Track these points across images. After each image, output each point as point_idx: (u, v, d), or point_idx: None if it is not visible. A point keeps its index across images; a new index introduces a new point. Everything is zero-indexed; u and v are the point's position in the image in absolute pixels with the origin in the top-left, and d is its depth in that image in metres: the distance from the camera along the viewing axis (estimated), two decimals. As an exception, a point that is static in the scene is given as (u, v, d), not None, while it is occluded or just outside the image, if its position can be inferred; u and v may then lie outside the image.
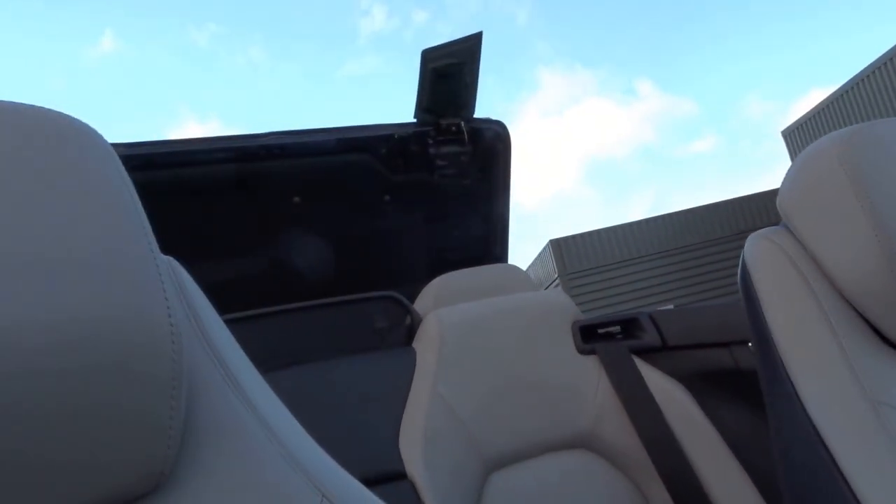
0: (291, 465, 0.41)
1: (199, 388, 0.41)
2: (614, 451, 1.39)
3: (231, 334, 0.49)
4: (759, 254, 0.86)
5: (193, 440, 0.39)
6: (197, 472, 0.38)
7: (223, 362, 0.44)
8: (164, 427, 0.36)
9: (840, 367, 0.73)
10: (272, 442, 0.42)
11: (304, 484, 0.41)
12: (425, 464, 1.19)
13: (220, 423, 0.41)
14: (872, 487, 0.66)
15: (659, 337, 1.45)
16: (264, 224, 2.08)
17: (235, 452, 0.40)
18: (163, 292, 0.36)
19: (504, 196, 2.20)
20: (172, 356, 0.36)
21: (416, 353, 1.39)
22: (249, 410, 0.43)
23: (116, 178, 0.39)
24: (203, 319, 0.46)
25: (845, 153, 0.77)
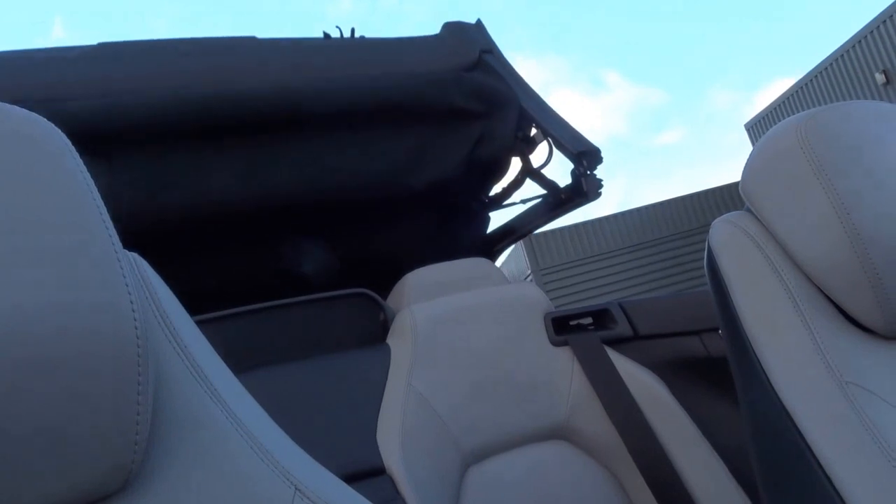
0: (262, 457, 0.41)
1: (166, 382, 0.41)
2: (590, 440, 1.40)
3: (197, 328, 0.49)
4: (724, 238, 0.87)
5: (161, 434, 0.39)
6: (166, 465, 0.38)
7: (190, 356, 0.44)
8: (131, 421, 0.35)
9: (807, 347, 0.74)
10: (242, 434, 0.42)
11: (275, 476, 0.41)
12: (403, 458, 1.19)
13: (188, 417, 0.41)
14: (842, 465, 0.67)
15: (630, 327, 1.47)
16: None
17: (205, 445, 0.40)
18: (126, 286, 0.36)
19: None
20: (138, 350, 0.36)
21: (390, 349, 1.39)
22: (218, 404, 0.42)
23: (76, 171, 0.39)
24: (168, 313, 0.46)
25: (806, 136, 0.79)
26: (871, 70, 11.85)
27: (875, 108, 0.83)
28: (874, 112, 0.82)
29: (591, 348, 1.44)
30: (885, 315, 0.72)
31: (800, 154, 0.78)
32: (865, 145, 0.78)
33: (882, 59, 11.61)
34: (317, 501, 0.41)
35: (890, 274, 0.72)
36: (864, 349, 0.74)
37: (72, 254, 0.35)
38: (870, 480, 0.65)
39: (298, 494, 0.40)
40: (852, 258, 0.73)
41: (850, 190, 0.74)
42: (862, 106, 0.83)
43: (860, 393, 0.69)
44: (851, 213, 0.74)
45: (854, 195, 0.74)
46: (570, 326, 1.50)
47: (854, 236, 0.73)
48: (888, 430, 0.66)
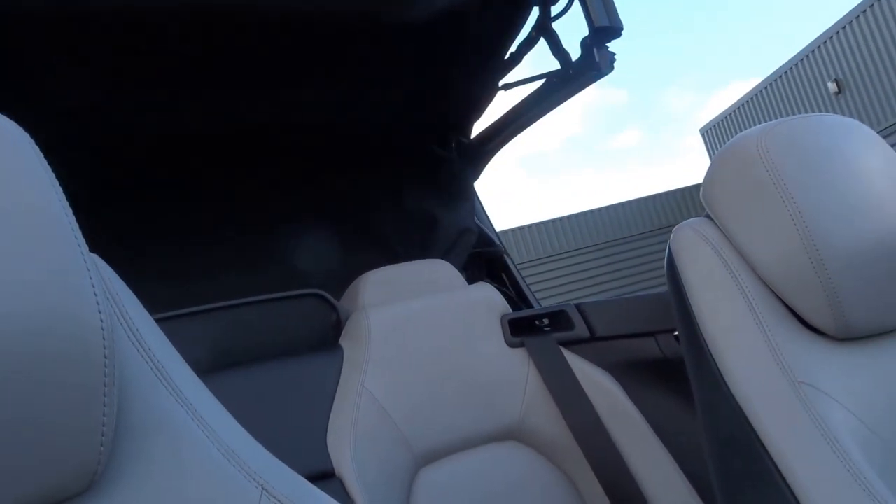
0: (228, 457, 0.41)
1: (131, 385, 0.41)
2: (544, 441, 1.39)
3: (160, 330, 0.49)
4: (684, 243, 0.90)
5: (127, 436, 0.39)
6: (132, 466, 0.38)
7: (154, 358, 0.44)
8: (97, 423, 0.35)
9: (762, 349, 0.77)
10: (208, 436, 0.42)
11: (241, 476, 0.41)
12: (354, 462, 1.17)
13: (153, 418, 0.41)
14: (795, 461, 0.70)
15: (587, 328, 1.47)
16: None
17: (171, 447, 0.40)
18: (92, 288, 0.36)
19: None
20: (104, 352, 0.36)
21: (343, 351, 1.37)
22: (183, 406, 0.43)
23: (41, 173, 0.38)
24: (132, 316, 0.46)
25: (765, 147, 0.82)
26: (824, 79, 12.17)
27: (831, 121, 0.86)
28: (830, 125, 0.85)
29: (547, 350, 1.43)
30: (837, 318, 0.75)
31: (759, 164, 0.81)
32: (822, 157, 0.81)
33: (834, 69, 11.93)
34: (283, 501, 0.42)
35: (842, 280, 0.75)
36: (816, 351, 0.77)
37: (37, 256, 0.35)
38: (821, 476, 0.67)
39: (265, 494, 0.41)
40: (807, 265, 0.76)
41: (807, 199, 0.77)
42: (819, 119, 0.86)
43: (812, 392, 0.72)
44: (807, 222, 0.77)
45: (810, 204, 0.77)
46: (526, 328, 1.49)
47: (809, 244, 0.76)
48: (838, 427, 0.69)
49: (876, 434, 0.71)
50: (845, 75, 11.67)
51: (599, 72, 1.72)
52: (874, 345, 0.79)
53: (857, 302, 0.75)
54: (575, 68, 1.81)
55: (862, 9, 11.06)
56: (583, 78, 1.78)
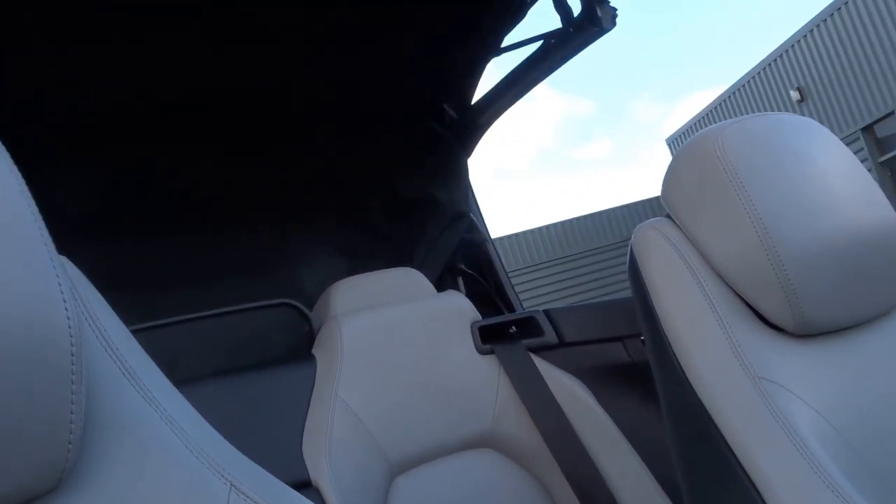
0: (197, 454, 0.42)
1: (99, 383, 0.41)
2: (517, 447, 1.41)
3: (127, 330, 0.49)
4: (645, 244, 0.91)
5: (96, 434, 0.39)
6: (100, 464, 0.38)
7: (122, 357, 0.44)
8: (64, 421, 0.35)
9: (723, 347, 0.78)
10: (177, 433, 0.42)
11: (211, 473, 0.41)
12: (330, 471, 1.18)
13: (122, 416, 0.41)
14: (755, 454, 0.71)
15: (556, 334, 1.49)
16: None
17: (139, 444, 0.40)
18: (59, 287, 0.37)
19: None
20: (71, 350, 0.36)
21: (316, 361, 1.37)
22: (151, 404, 0.43)
23: (8, 175, 0.39)
24: (99, 316, 0.46)
25: (722, 145, 0.83)
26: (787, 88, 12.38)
27: (788, 120, 0.88)
28: (787, 124, 0.87)
29: (516, 356, 1.45)
30: (795, 315, 0.77)
31: (716, 163, 0.82)
32: (777, 155, 0.82)
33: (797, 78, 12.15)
34: (253, 497, 0.42)
35: (800, 278, 0.76)
36: (776, 347, 0.78)
37: (4, 256, 0.35)
38: (783, 470, 0.68)
39: (234, 490, 0.41)
40: (764, 263, 0.77)
41: (764, 198, 0.79)
42: (776, 118, 0.88)
43: (772, 387, 0.73)
44: (764, 220, 0.78)
45: (767, 203, 0.79)
46: (496, 335, 1.51)
47: (767, 242, 0.77)
48: (798, 422, 0.70)
49: (834, 428, 0.72)
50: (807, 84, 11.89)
51: (601, 28, 1.64)
52: (832, 341, 0.80)
53: (814, 299, 0.77)
54: (575, 25, 1.70)
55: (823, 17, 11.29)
56: (583, 36, 1.69)
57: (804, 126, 0.87)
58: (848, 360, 0.80)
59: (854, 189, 0.83)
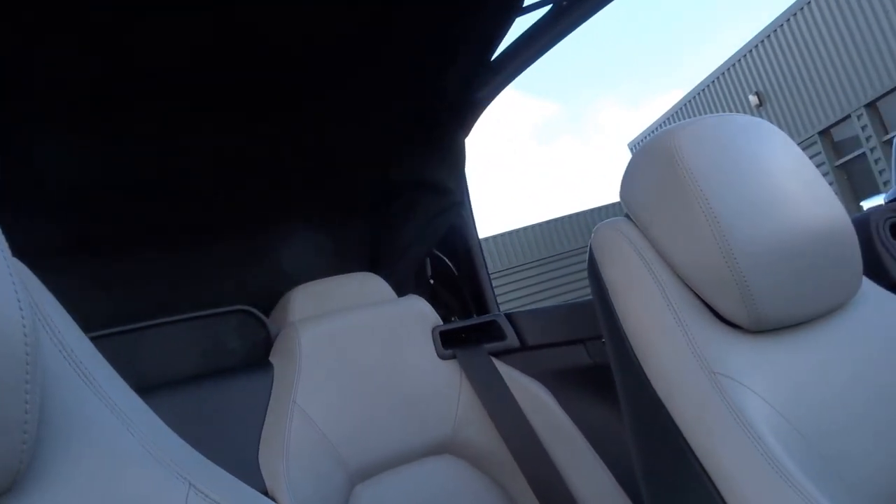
0: (155, 456, 0.42)
1: (54, 385, 0.41)
2: (479, 453, 1.40)
3: (81, 332, 0.49)
4: (604, 243, 0.92)
5: (51, 434, 0.39)
6: (55, 465, 0.38)
7: (77, 361, 0.44)
8: (18, 422, 0.36)
9: (680, 343, 0.79)
10: (134, 434, 0.42)
11: (169, 473, 0.41)
12: (287, 479, 1.16)
13: (78, 419, 0.41)
14: (711, 449, 0.72)
15: (517, 338, 1.48)
16: None
17: (96, 446, 0.40)
18: (13, 286, 0.37)
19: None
20: (26, 353, 0.36)
21: (273, 368, 1.35)
22: (108, 406, 0.43)
23: None
24: (55, 320, 0.46)
25: (678, 146, 0.85)
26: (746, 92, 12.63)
27: (742, 121, 0.90)
28: (741, 125, 0.89)
29: (478, 361, 1.44)
30: (750, 312, 0.79)
31: (672, 163, 0.84)
32: (731, 155, 0.84)
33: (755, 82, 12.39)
34: (212, 496, 0.42)
35: (752, 275, 0.78)
36: (732, 343, 0.80)
37: None
38: (739, 464, 0.70)
39: (193, 490, 0.41)
40: (719, 261, 0.79)
41: (718, 197, 0.80)
42: (730, 119, 0.89)
43: (728, 383, 0.75)
44: (719, 219, 0.79)
45: (722, 202, 0.80)
46: (457, 339, 1.50)
47: (721, 241, 0.79)
48: (753, 415, 0.72)
49: (789, 421, 0.74)
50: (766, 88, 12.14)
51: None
52: (787, 336, 0.82)
53: (768, 296, 0.79)
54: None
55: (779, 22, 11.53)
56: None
57: (756, 127, 0.89)
58: (803, 355, 0.81)
59: (805, 187, 0.85)
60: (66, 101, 1.29)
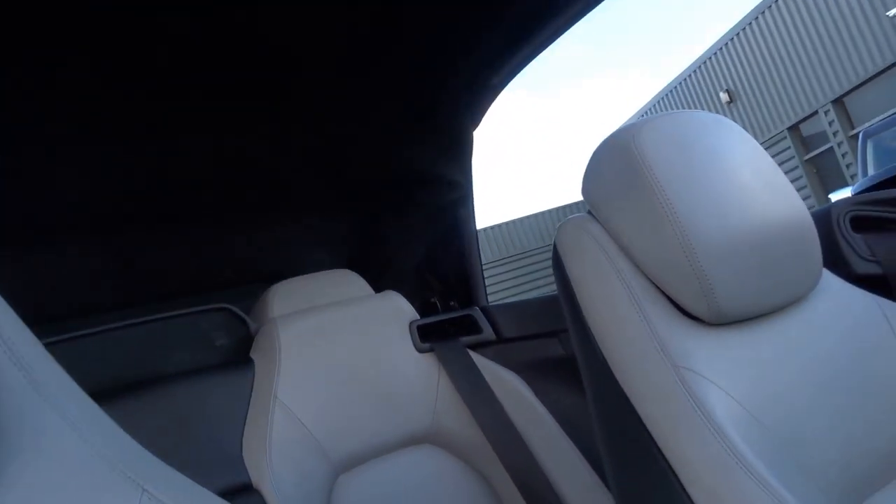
0: (108, 462, 0.41)
1: (4, 395, 0.40)
2: (458, 443, 1.43)
3: (33, 336, 0.47)
4: (568, 240, 0.93)
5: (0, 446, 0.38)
6: (5, 478, 0.37)
7: (28, 367, 0.43)
8: None
9: (644, 338, 0.80)
10: (85, 441, 0.41)
11: (122, 479, 0.40)
12: (271, 473, 1.18)
13: (29, 427, 0.39)
14: (673, 439, 0.74)
15: (493, 331, 1.52)
16: None
17: (47, 454, 0.39)
18: None
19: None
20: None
21: (254, 364, 1.37)
22: (59, 413, 0.42)
23: None
24: (4, 327, 0.44)
25: (637, 143, 0.85)
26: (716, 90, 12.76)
27: (700, 117, 0.91)
28: (698, 120, 0.90)
29: (455, 353, 1.47)
30: (710, 305, 0.80)
31: (632, 159, 0.85)
32: (690, 150, 0.85)
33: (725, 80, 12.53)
34: (164, 500, 0.41)
35: (712, 268, 0.79)
36: (693, 336, 0.81)
37: None
38: (697, 452, 0.71)
39: (146, 495, 0.40)
40: (680, 255, 0.80)
41: (678, 193, 0.81)
42: (689, 115, 0.91)
43: (690, 376, 0.76)
44: (679, 214, 0.80)
45: (681, 198, 0.81)
46: (435, 333, 1.53)
47: (681, 235, 0.80)
48: (714, 407, 0.73)
49: (750, 412, 0.75)
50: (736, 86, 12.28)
51: None
52: (749, 328, 0.84)
53: (728, 289, 0.80)
54: None
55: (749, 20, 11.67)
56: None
57: (715, 122, 0.90)
58: (764, 347, 0.83)
59: (764, 182, 0.86)
60: (65, 100, 1.26)
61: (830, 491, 0.76)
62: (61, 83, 1.21)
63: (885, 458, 0.82)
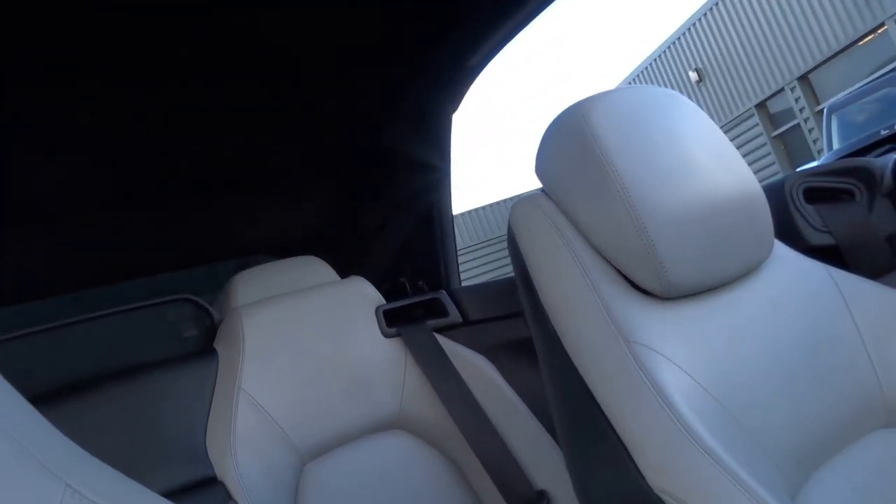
0: (32, 459, 0.40)
1: None
2: (426, 427, 1.43)
3: None
4: (522, 218, 0.92)
5: None
6: None
7: None
8: None
9: (596, 313, 0.80)
10: (7, 438, 0.40)
11: (45, 476, 0.39)
12: (235, 465, 1.18)
13: None
14: (624, 413, 0.74)
15: (459, 314, 1.52)
16: None
17: None
18: None
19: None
20: None
21: (217, 355, 1.36)
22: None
23: None
24: None
25: (588, 118, 0.85)
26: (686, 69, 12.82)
27: (650, 91, 0.91)
28: (649, 95, 0.90)
29: (422, 338, 1.47)
30: (661, 280, 0.79)
31: (583, 135, 0.84)
32: (641, 125, 0.85)
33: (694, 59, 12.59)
34: (88, 495, 0.40)
35: (663, 243, 0.79)
36: (647, 312, 0.81)
37: None
38: (648, 426, 0.71)
39: (69, 490, 0.39)
40: (631, 231, 0.80)
41: (628, 168, 0.81)
42: (638, 90, 0.90)
43: (643, 351, 0.75)
44: (629, 189, 0.80)
45: (631, 172, 0.81)
46: (401, 318, 1.53)
47: (633, 211, 0.80)
48: (666, 382, 0.73)
49: (701, 385, 0.75)
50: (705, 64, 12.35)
51: None
52: (702, 302, 0.84)
53: (679, 263, 0.79)
54: None
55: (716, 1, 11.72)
56: None
57: (666, 97, 0.90)
58: (717, 320, 0.83)
59: (714, 155, 0.86)
60: (66, 100, 1.22)
61: (783, 462, 0.76)
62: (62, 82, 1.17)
63: (836, 425, 0.83)
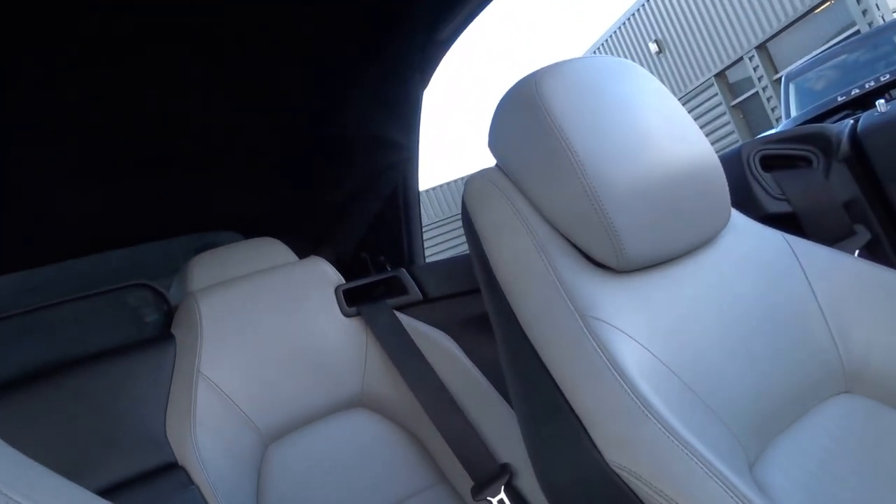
0: None
1: None
2: (388, 405, 1.43)
3: None
4: (476, 193, 0.91)
5: None
6: None
7: None
8: None
9: (550, 288, 0.79)
10: None
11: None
12: (197, 449, 1.16)
13: None
14: (577, 385, 0.73)
15: (419, 291, 1.51)
16: None
17: None
18: None
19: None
20: None
21: (175, 340, 1.33)
22: None
23: None
24: None
25: (540, 90, 0.83)
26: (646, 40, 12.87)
27: (602, 61, 0.89)
28: (602, 65, 0.88)
29: (382, 316, 1.46)
30: (617, 253, 0.79)
31: (535, 108, 0.83)
32: (594, 96, 0.83)
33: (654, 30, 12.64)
34: (13, 496, 0.39)
35: (617, 215, 0.78)
36: (602, 285, 0.80)
37: None
38: (603, 400, 0.71)
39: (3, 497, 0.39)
40: (586, 203, 0.79)
41: (581, 140, 0.80)
42: (591, 60, 0.89)
43: (597, 324, 0.75)
44: (583, 162, 0.79)
45: (584, 145, 0.80)
46: (361, 297, 1.51)
47: (587, 183, 0.78)
48: (621, 354, 0.72)
49: (660, 360, 0.75)
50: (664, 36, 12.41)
51: None
52: (658, 274, 0.83)
53: (634, 236, 0.79)
54: None
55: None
56: None
57: (619, 67, 0.89)
58: (675, 291, 0.83)
59: (669, 126, 0.85)
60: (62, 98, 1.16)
61: (742, 431, 0.76)
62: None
63: (795, 392, 0.84)
